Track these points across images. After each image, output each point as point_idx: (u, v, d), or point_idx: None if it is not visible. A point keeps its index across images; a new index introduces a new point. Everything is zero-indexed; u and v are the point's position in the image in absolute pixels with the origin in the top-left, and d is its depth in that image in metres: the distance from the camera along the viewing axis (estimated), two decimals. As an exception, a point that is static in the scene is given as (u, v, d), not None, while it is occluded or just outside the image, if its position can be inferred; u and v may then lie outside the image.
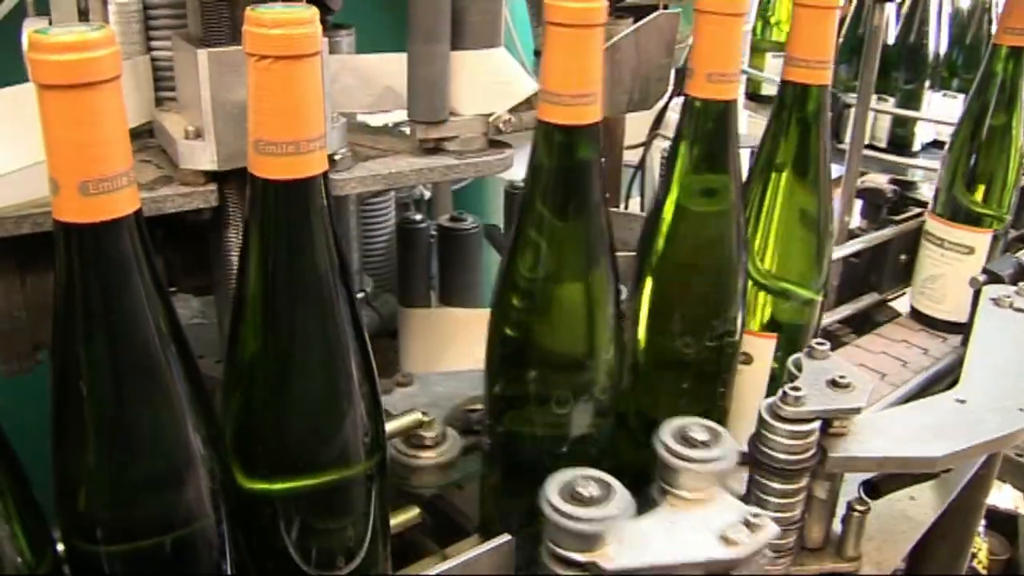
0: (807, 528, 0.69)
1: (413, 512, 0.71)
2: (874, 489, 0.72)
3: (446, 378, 0.78)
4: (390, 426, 0.67)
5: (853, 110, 1.17)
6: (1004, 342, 0.79)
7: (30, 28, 0.66)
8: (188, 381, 0.47)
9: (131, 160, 0.42)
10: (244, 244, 0.51)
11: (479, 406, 0.74)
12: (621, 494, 0.53)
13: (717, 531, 0.54)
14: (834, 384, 0.65)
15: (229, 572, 0.53)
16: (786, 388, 0.63)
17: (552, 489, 0.53)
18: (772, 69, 1.66)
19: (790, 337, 0.78)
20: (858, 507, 0.69)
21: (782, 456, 0.63)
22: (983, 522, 1.56)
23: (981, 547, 1.56)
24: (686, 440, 0.57)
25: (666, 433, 0.58)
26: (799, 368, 0.67)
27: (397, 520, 0.69)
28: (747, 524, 0.54)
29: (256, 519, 0.55)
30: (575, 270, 0.61)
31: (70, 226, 0.41)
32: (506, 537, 0.58)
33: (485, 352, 0.65)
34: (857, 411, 0.64)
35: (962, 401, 0.71)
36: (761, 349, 0.77)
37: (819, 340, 0.69)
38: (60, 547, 0.49)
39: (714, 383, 0.73)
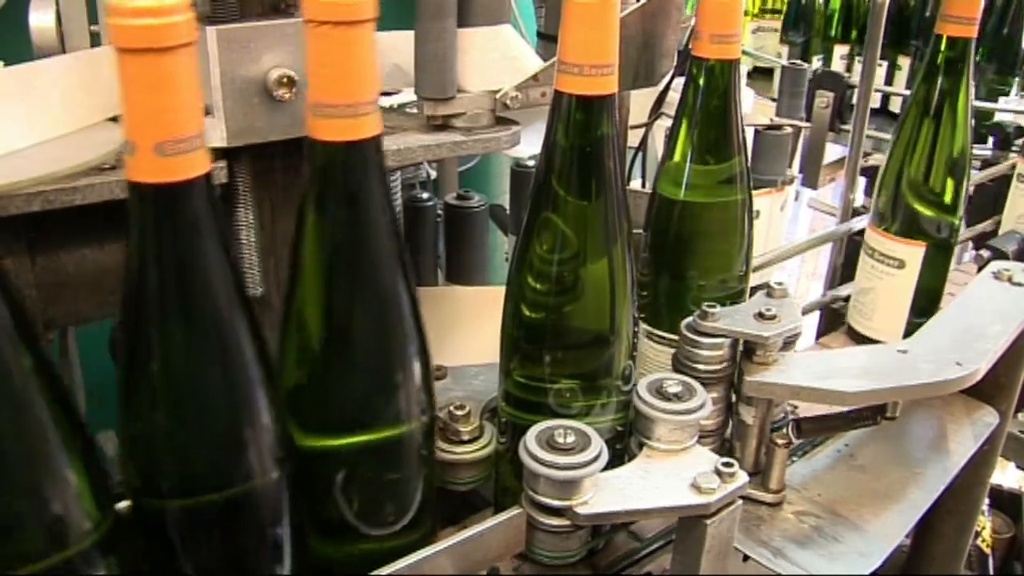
0: (737, 451, 0.71)
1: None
2: (799, 428, 0.73)
3: (483, 371, 0.77)
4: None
5: (856, 90, 1.17)
6: (981, 307, 0.79)
7: (36, 9, 0.66)
8: (256, 340, 0.49)
9: (203, 123, 0.44)
10: (301, 207, 0.52)
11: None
12: (597, 443, 0.55)
13: (689, 479, 0.56)
14: (760, 316, 0.66)
15: (287, 529, 0.54)
16: (704, 306, 0.66)
17: (531, 437, 0.55)
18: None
19: (935, 250, 0.93)
20: (778, 440, 0.70)
21: (688, 362, 0.66)
22: (987, 501, 1.56)
23: (985, 525, 1.57)
24: (661, 393, 0.60)
25: (643, 387, 0.60)
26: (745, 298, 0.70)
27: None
28: (718, 473, 0.56)
29: (312, 476, 0.56)
30: (596, 243, 0.61)
31: (145, 187, 0.43)
32: (518, 509, 0.58)
33: (501, 330, 0.65)
34: (765, 339, 0.65)
35: (904, 351, 0.71)
36: (912, 255, 0.92)
37: (778, 281, 0.70)
38: (123, 504, 0.49)
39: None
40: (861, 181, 1.27)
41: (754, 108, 1.48)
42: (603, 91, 0.56)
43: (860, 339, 1.00)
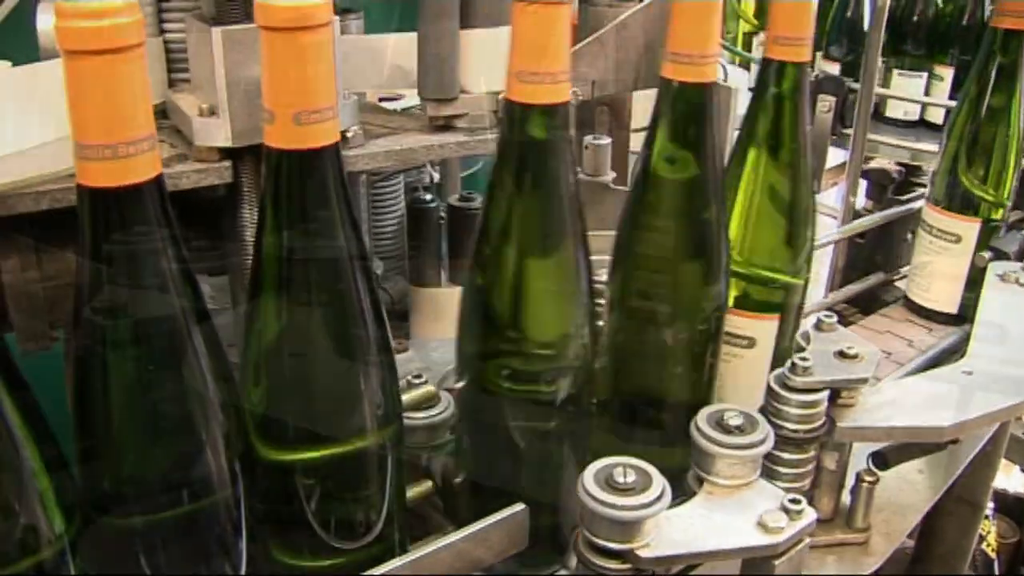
0: (817, 499, 0.69)
1: (426, 485, 0.71)
2: (883, 460, 0.73)
3: (442, 344, 0.78)
4: (405, 398, 0.68)
5: (858, 93, 1.18)
6: (1009, 316, 0.80)
7: (44, 12, 0.67)
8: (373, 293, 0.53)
9: (335, 98, 0.47)
10: (497, 167, 0.57)
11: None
12: (659, 482, 0.52)
13: (755, 518, 0.54)
14: (842, 355, 0.65)
15: (243, 543, 0.54)
16: (795, 359, 0.64)
17: (589, 477, 0.52)
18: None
19: (987, 226, 1.00)
20: (867, 478, 0.70)
21: (792, 426, 0.64)
22: (991, 505, 1.56)
23: (990, 530, 1.57)
24: (722, 426, 0.57)
25: (702, 419, 0.57)
26: (807, 340, 0.68)
27: (410, 494, 0.70)
28: (785, 510, 0.54)
29: (275, 489, 0.56)
30: (702, 210, 0.65)
31: (282, 152, 0.47)
32: (520, 506, 0.58)
33: (609, 333, 0.69)
34: (864, 381, 0.65)
35: (968, 373, 0.71)
36: (967, 230, 1.00)
37: (826, 313, 0.70)
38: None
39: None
40: (863, 184, 1.27)
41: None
42: (711, 78, 0.62)
43: (919, 310, 1.06)
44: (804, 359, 0.63)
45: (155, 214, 0.44)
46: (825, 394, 0.64)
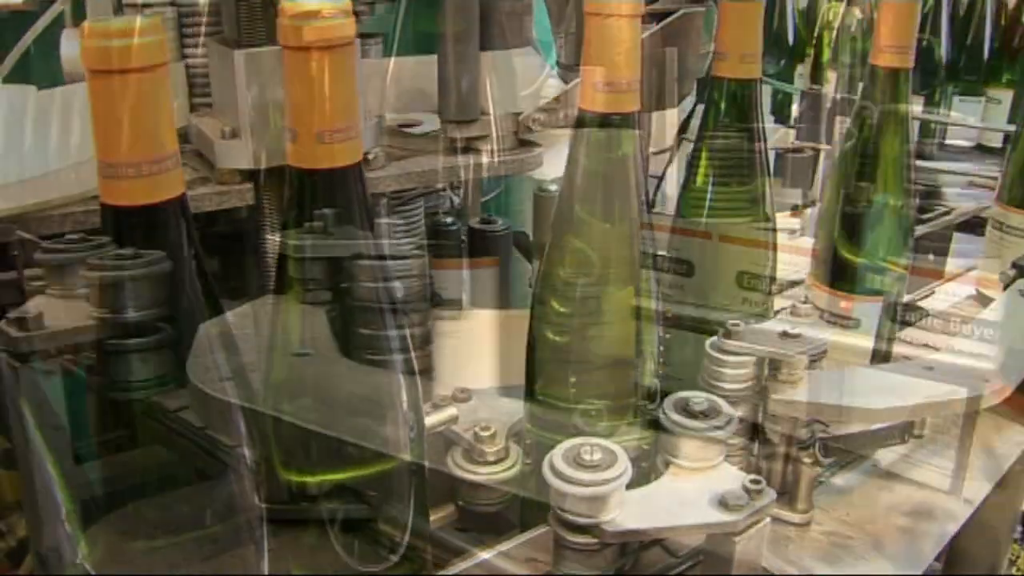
0: (764, 471, 0.69)
1: (448, 509, 0.71)
2: (825, 448, 0.72)
3: (507, 392, 0.77)
4: (429, 421, 0.67)
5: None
6: (1008, 326, 0.80)
7: (68, 38, 0.67)
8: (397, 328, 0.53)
9: (358, 117, 0.48)
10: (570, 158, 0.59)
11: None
12: (623, 459, 0.55)
13: (717, 497, 0.55)
14: (784, 335, 0.66)
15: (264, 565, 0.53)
16: (728, 323, 0.65)
17: (558, 455, 0.54)
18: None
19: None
20: (805, 460, 0.69)
21: (712, 381, 0.65)
22: (1020, 528, 1.54)
23: (1020, 554, 1.54)
24: (687, 411, 0.59)
25: (668, 405, 0.60)
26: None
27: (433, 517, 0.70)
28: (746, 490, 0.55)
29: (299, 512, 0.56)
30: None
31: (304, 171, 0.47)
32: (544, 528, 0.58)
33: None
34: (789, 358, 0.65)
35: (930, 368, 0.71)
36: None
37: (804, 300, 0.71)
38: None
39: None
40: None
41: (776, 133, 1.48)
42: (754, 76, 0.69)
43: (989, 302, 1.06)
44: (736, 324, 0.65)
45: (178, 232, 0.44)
46: (751, 359, 0.65)
